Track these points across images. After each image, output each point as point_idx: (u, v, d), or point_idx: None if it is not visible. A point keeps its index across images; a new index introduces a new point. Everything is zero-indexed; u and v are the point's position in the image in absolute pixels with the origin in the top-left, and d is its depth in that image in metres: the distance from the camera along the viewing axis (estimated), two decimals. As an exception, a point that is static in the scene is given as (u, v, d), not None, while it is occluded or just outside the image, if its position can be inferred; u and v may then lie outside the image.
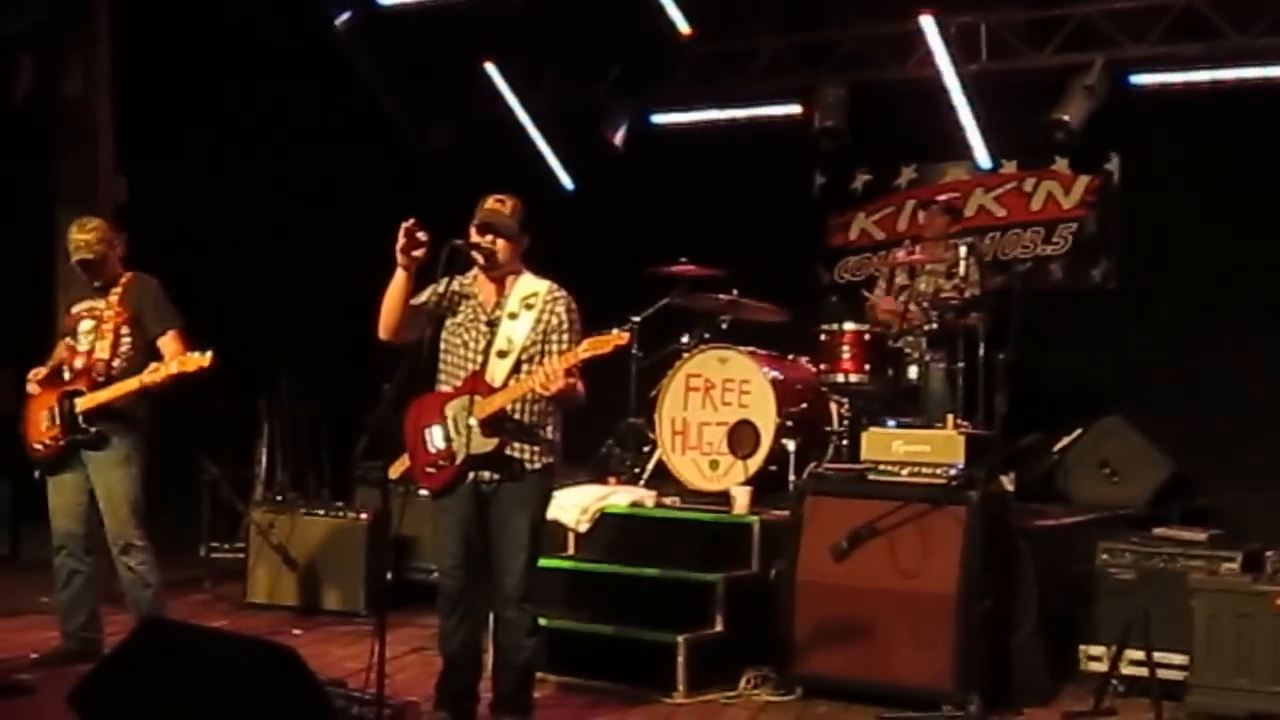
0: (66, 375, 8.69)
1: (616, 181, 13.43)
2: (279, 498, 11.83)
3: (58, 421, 8.58)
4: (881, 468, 8.93)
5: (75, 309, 8.82)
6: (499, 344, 7.20)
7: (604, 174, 13.54)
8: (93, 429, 8.51)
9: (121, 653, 6.89)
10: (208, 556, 11.76)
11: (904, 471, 8.83)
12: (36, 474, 8.83)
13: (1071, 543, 9.19)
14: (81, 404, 8.49)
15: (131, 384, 8.39)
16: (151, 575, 8.68)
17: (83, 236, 8.65)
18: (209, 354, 8.28)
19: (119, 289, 8.71)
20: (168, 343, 8.58)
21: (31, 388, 8.79)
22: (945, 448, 8.79)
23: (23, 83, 12.05)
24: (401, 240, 6.97)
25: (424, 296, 7.23)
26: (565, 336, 7.19)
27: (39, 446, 8.71)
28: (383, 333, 7.24)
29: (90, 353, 8.62)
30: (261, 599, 10.85)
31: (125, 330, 8.64)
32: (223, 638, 7.29)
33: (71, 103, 11.01)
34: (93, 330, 8.66)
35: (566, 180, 13.86)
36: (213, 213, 13.35)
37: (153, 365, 8.40)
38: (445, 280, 7.16)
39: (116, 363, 8.59)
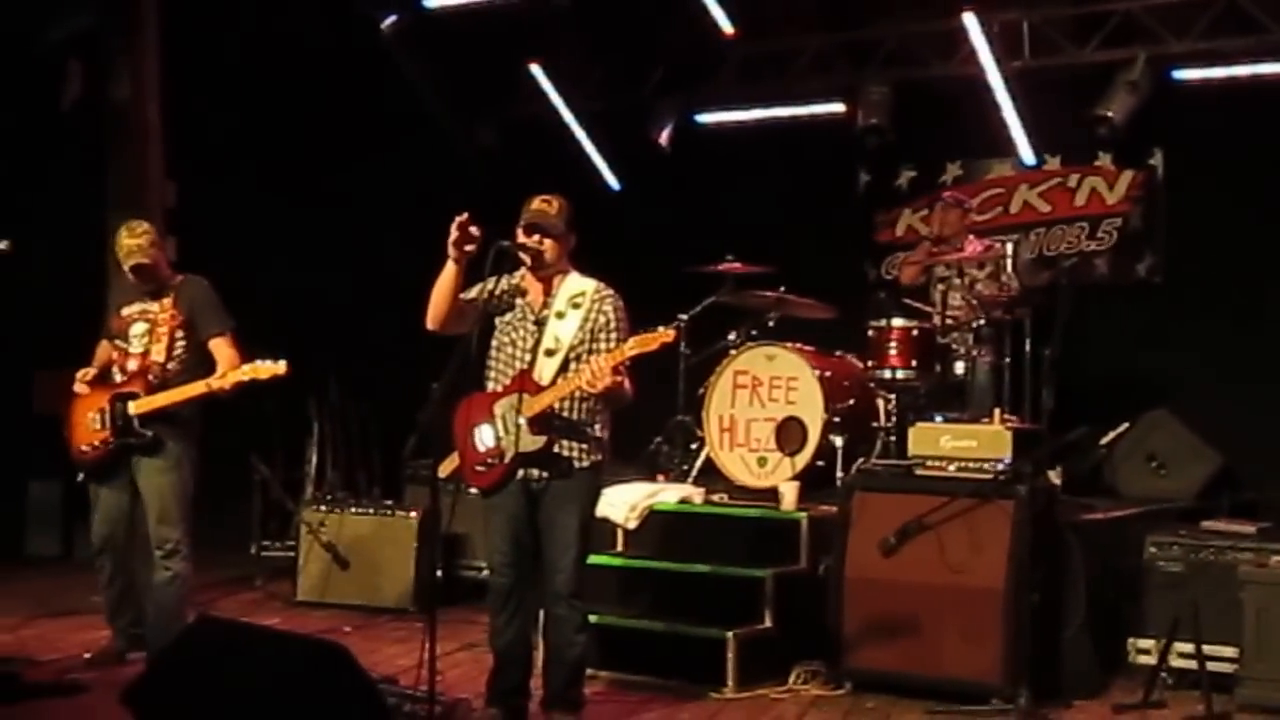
0: (118, 377, 8.62)
1: (662, 181, 13.44)
2: (329, 496, 11.89)
3: (107, 424, 8.49)
4: (929, 463, 8.94)
5: (125, 311, 8.72)
6: (547, 343, 7.26)
7: (650, 174, 13.55)
8: (148, 433, 8.45)
9: (174, 651, 6.97)
10: (259, 555, 11.83)
11: (951, 466, 8.84)
12: (80, 477, 8.80)
13: (1120, 536, 9.19)
14: (137, 407, 8.41)
15: (197, 388, 8.34)
16: (185, 583, 8.58)
17: (134, 241, 8.57)
18: (283, 363, 8.28)
19: (171, 291, 8.66)
20: (220, 345, 8.52)
21: (80, 388, 8.67)
22: (992, 443, 8.80)
23: (73, 88, 12.17)
24: (454, 234, 7.02)
25: (473, 293, 7.28)
26: (613, 335, 7.23)
27: (85, 448, 8.62)
28: (430, 323, 7.31)
29: (145, 355, 8.56)
30: (312, 597, 10.91)
31: (180, 334, 8.57)
32: (275, 635, 7.32)
33: (120, 108, 11.07)
34: (146, 333, 8.59)
35: (613, 180, 13.88)
36: (260, 215, 13.45)
37: (221, 370, 8.36)
38: (495, 279, 7.22)
39: (172, 365, 8.54)
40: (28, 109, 12.49)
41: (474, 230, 7.04)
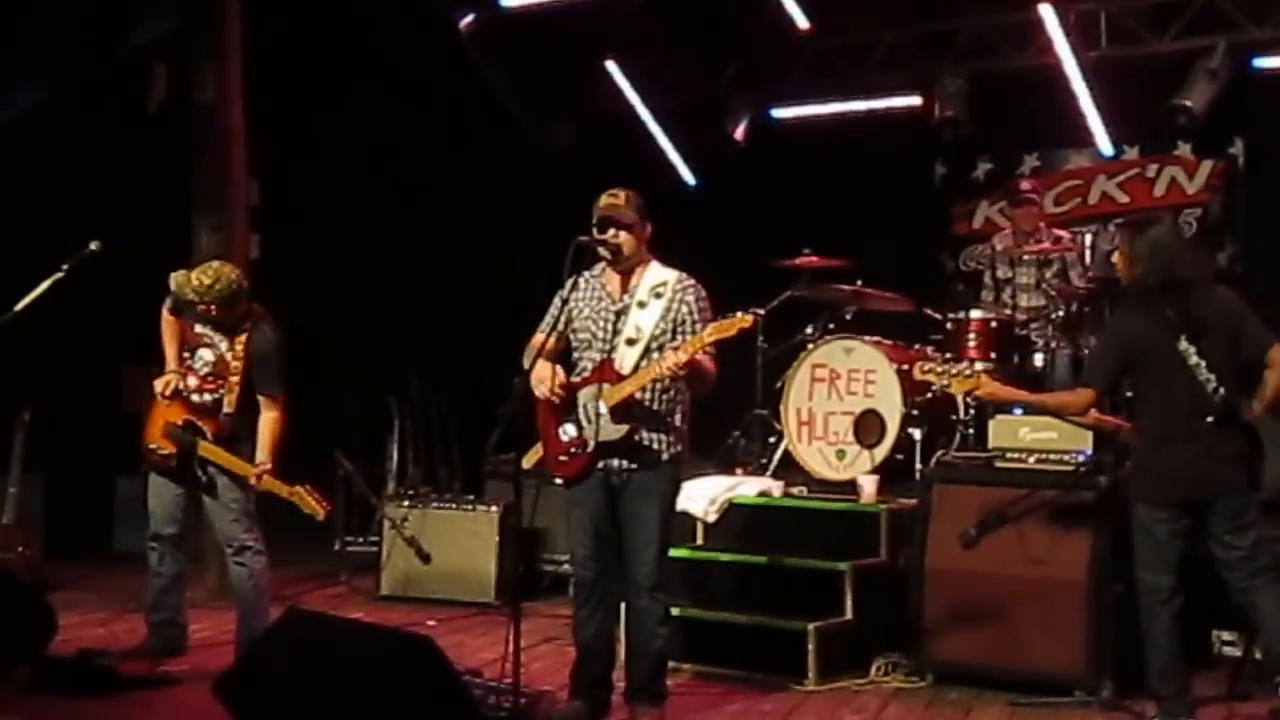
0: (183, 390, 8.55)
1: (739, 176, 13.47)
2: (411, 492, 11.95)
3: (176, 443, 8.49)
4: (1009, 455, 8.90)
5: (197, 328, 8.59)
6: (628, 332, 7.29)
7: (726, 169, 13.59)
8: (203, 478, 8.46)
9: (264, 644, 7.07)
10: (343, 550, 11.91)
11: (1032, 458, 8.79)
12: (143, 469, 8.78)
13: (1202, 528, 9.14)
14: (203, 450, 8.42)
15: (248, 470, 8.32)
16: (263, 577, 8.59)
17: (201, 280, 8.35)
18: (322, 510, 8.27)
19: (243, 336, 8.50)
20: (268, 405, 8.46)
21: (160, 398, 8.60)
22: (1073, 434, 8.74)
23: (158, 91, 12.29)
24: (547, 389, 7.23)
25: (550, 324, 7.42)
26: (696, 326, 7.24)
27: (153, 447, 8.60)
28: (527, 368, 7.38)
29: (215, 390, 8.50)
30: (396, 591, 11.02)
31: (245, 384, 8.48)
32: (363, 628, 7.43)
33: (205, 109, 11.12)
34: (212, 367, 8.53)
35: (689, 176, 13.93)
36: (343, 213, 13.55)
37: (264, 467, 8.29)
38: (571, 281, 7.28)
39: (238, 415, 8.49)
40: (116, 111, 12.61)
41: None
